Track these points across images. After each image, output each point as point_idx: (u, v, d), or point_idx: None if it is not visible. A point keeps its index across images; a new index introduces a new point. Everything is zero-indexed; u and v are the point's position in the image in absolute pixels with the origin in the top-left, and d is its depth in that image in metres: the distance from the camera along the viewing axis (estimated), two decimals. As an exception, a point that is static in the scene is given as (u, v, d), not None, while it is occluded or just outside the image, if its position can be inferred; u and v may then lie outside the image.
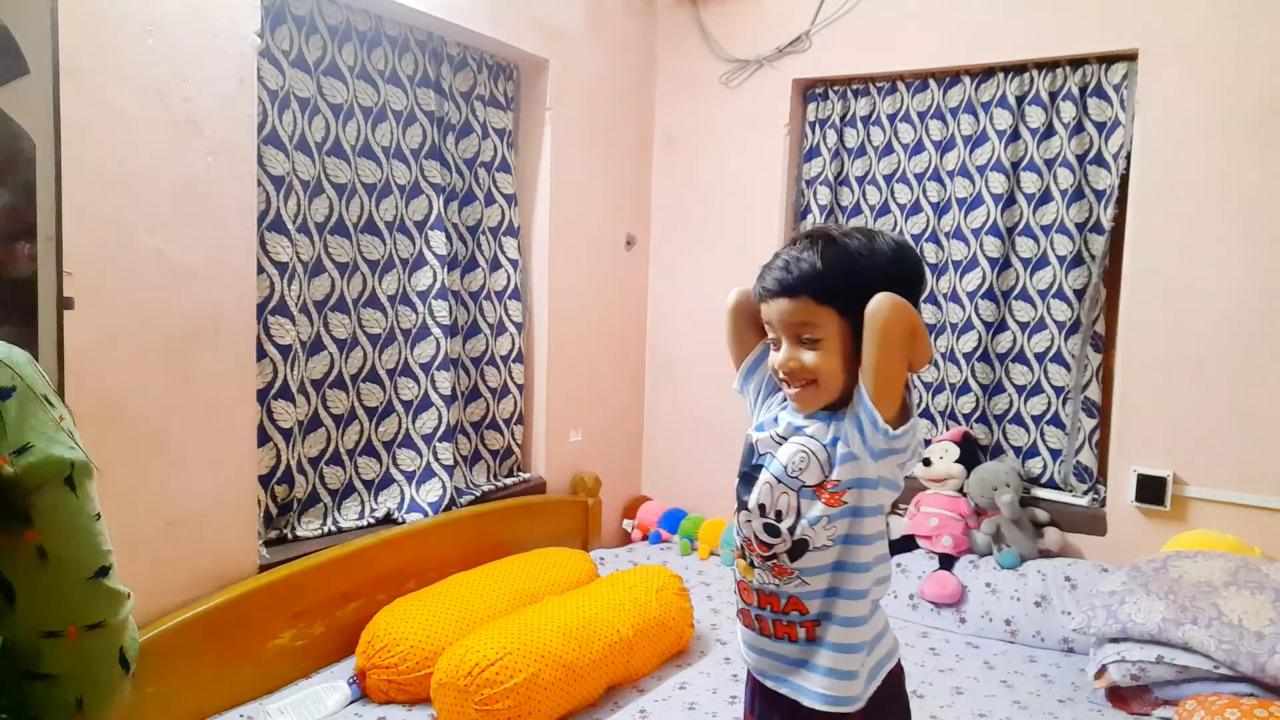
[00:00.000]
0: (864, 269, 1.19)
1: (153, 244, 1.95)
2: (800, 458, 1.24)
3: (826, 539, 1.23)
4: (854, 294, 1.18)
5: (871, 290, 1.16)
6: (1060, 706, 2.28)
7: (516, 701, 2.01)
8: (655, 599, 2.46)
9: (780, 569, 1.26)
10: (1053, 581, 2.70)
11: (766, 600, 1.29)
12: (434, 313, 2.77)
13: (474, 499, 2.90)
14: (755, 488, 1.29)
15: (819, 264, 1.19)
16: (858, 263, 1.19)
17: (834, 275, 1.19)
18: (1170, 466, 2.76)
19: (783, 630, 1.28)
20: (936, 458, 3.03)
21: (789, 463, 1.25)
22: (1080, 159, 2.95)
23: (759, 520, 1.28)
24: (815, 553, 1.24)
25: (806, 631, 1.26)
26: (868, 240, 1.22)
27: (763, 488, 1.28)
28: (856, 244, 1.21)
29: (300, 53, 2.39)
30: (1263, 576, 2.26)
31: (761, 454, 1.30)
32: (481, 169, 2.99)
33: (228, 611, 2.07)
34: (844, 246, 1.21)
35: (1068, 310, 2.99)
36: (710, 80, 3.49)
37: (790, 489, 1.25)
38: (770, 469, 1.27)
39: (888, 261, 1.20)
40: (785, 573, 1.26)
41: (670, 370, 3.67)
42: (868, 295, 1.16)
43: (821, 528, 1.23)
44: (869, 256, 1.20)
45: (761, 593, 1.29)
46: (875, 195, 3.33)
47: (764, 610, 1.29)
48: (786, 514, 1.25)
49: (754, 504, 1.29)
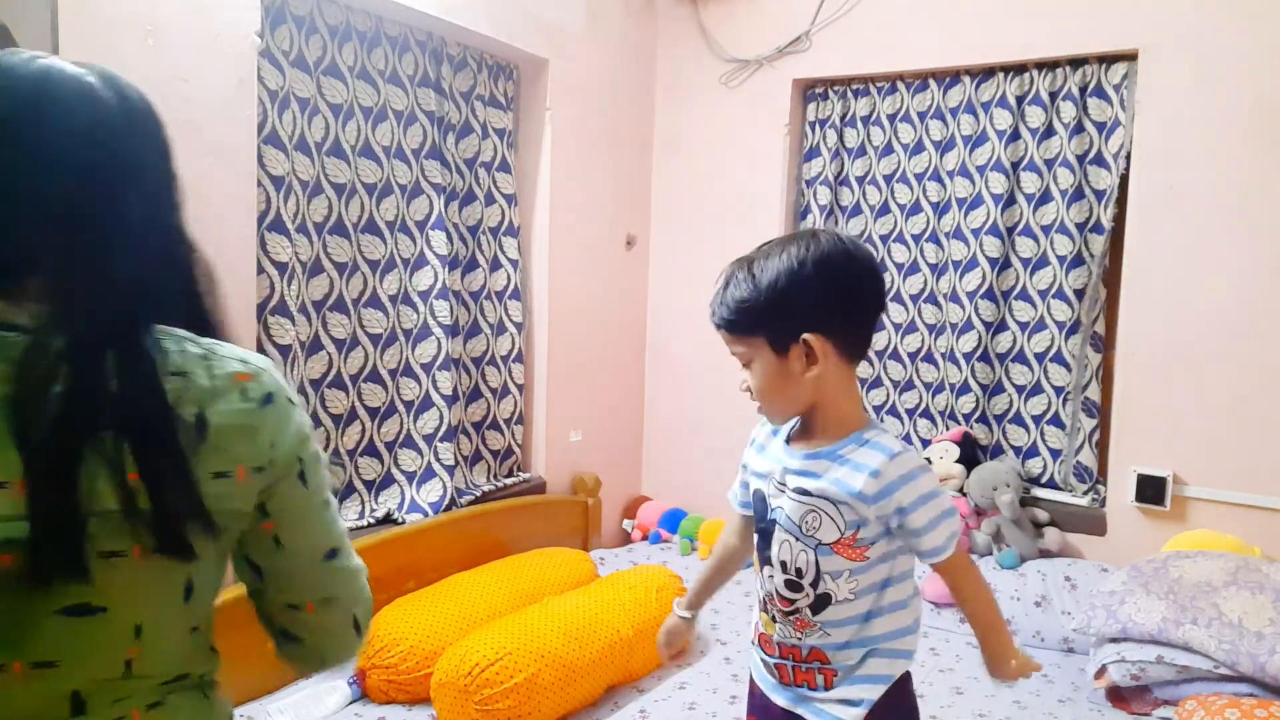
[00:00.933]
0: (756, 291, 1.22)
1: (153, 244, 1.95)
2: (813, 517, 1.23)
3: (849, 592, 1.23)
4: (751, 316, 1.23)
5: (768, 306, 1.20)
6: (1060, 706, 2.28)
7: (516, 701, 2.01)
8: (655, 599, 2.46)
9: (802, 623, 1.26)
10: (1053, 581, 2.70)
11: (788, 651, 1.29)
12: (435, 313, 2.77)
13: (474, 499, 2.90)
14: (774, 544, 1.28)
15: (719, 299, 1.27)
16: (751, 287, 1.22)
17: (731, 306, 1.24)
18: (1170, 466, 2.76)
19: (802, 678, 1.28)
20: (936, 458, 3.04)
21: (802, 522, 1.24)
22: (1080, 159, 2.95)
23: (780, 576, 1.27)
24: (838, 606, 1.23)
25: (825, 680, 1.26)
26: (765, 262, 1.22)
27: (781, 545, 1.27)
28: (759, 265, 1.22)
29: (300, 53, 2.39)
30: (1263, 576, 2.26)
31: (773, 508, 1.29)
32: (481, 169, 2.99)
33: (228, 611, 2.03)
34: (739, 279, 1.24)
35: (1068, 310, 2.99)
36: (710, 80, 3.49)
37: (807, 547, 1.24)
38: (783, 525, 1.27)
39: (788, 276, 1.20)
40: (807, 626, 1.26)
41: (670, 370, 3.67)
42: (765, 312, 1.21)
43: (844, 581, 1.22)
44: (761, 277, 1.21)
45: (783, 645, 1.28)
46: (875, 195, 3.33)
47: (785, 660, 1.29)
48: (806, 570, 1.24)
49: (775, 560, 1.28)
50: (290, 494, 0.86)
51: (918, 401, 3.31)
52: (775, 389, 1.24)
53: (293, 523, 0.87)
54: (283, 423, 0.84)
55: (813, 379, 1.21)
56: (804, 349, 1.20)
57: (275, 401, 0.84)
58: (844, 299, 1.23)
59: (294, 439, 0.85)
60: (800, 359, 1.21)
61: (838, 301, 1.22)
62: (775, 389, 1.24)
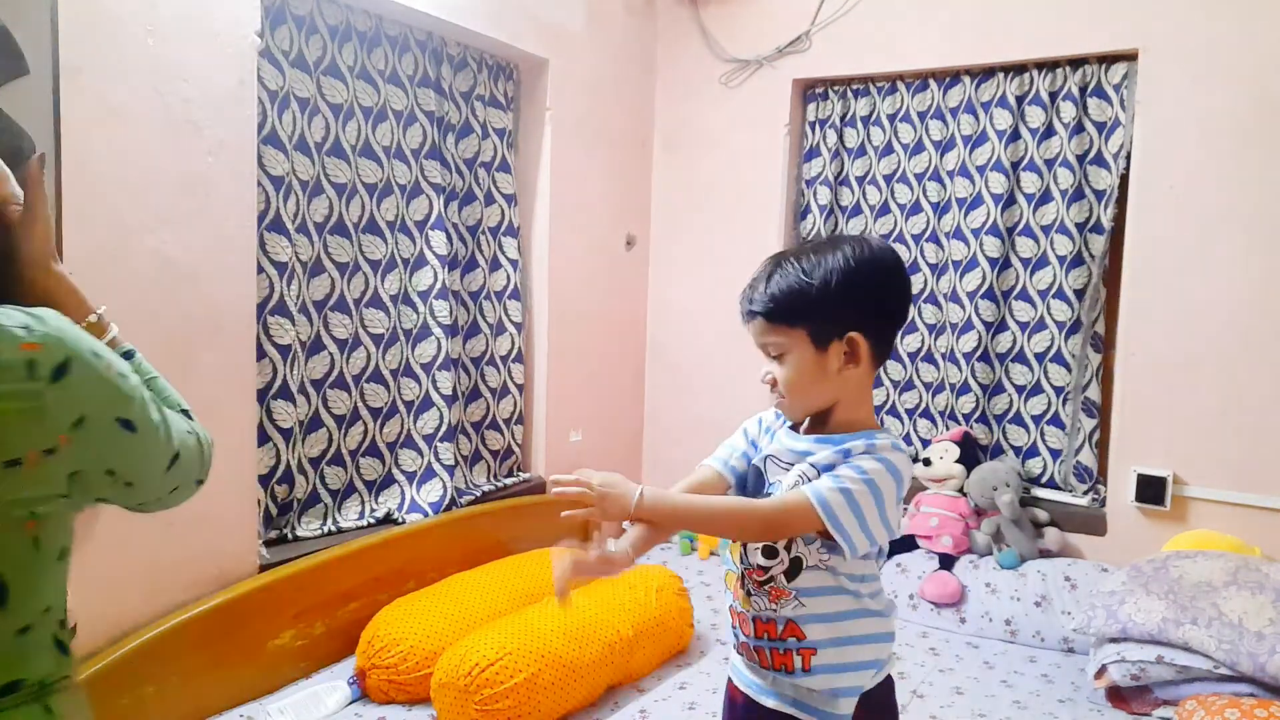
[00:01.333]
0: (807, 283, 1.22)
1: (152, 244, 1.95)
2: (796, 480, 1.25)
3: (819, 559, 1.24)
4: (799, 307, 1.23)
5: (817, 299, 1.21)
6: (1060, 706, 2.28)
7: (516, 701, 2.01)
8: (655, 599, 2.46)
9: (777, 591, 1.27)
10: (1053, 581, 2.70)
11: (764, 628, 1.29)
12: (435, 313, 2.77)
13: (474, 499, 2.90)
14: None
15: (762, 287, 1.26)
16: (800, 278, 1.23)
17: (776, 295, 1.24)
18: (1170, 466, 2.76)
19: (780, 660, 1.28)
20: (936, 458, 3.03)
21: (789, 486, 1.26)
22: (1080, 159, 2.95)
23: (760, 543, 1.29)
24: (810, 572, 1.25)
25: (803, 661, 1.26)
26: (818, 252, 1.24)
27: None
28: (806, 259, 1.24)
29: (300, 53, 2.39)
30: (1263, 576, 2.26)
31: (771, 482, 1.32)
32: (481, 169, 2.99)
33: (228, 611, 2.07)
34: (790, 265, 1.24)
35: (1068, 310, 2.99)
36: (710, 80, 3.49)
37: None
38: (774, 493, 1.29)
39: (836, 271, 1.22)
40: (782, 595, 1.27)
41: (670, 370, 3.67)
42: (814, 304, 1.21)
43: (816, 547, 1.24)
44: (812, 269, 1.23)
45: (758, 620, 1.29)
46: (875, 195, 3.33)
47: (760, 640, 1.29)
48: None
49: None
50: (115, 447, 0.82)
51: (918, 401, 3.31)
52: (807, 384, 1.25)
53: (131, 466, 0.86)
54: (88, 390, 0.78)
55: (844, 377, 1.24)
56: (845, 346, 1.23)
57: (70, 371, 0.76)
58: (887, 303, 1.27)
59: (104, 403, 0.79)
60: (839, 356, 1.23)
61: (882, 305, 1.26)
62: (807, 384, 1.25)
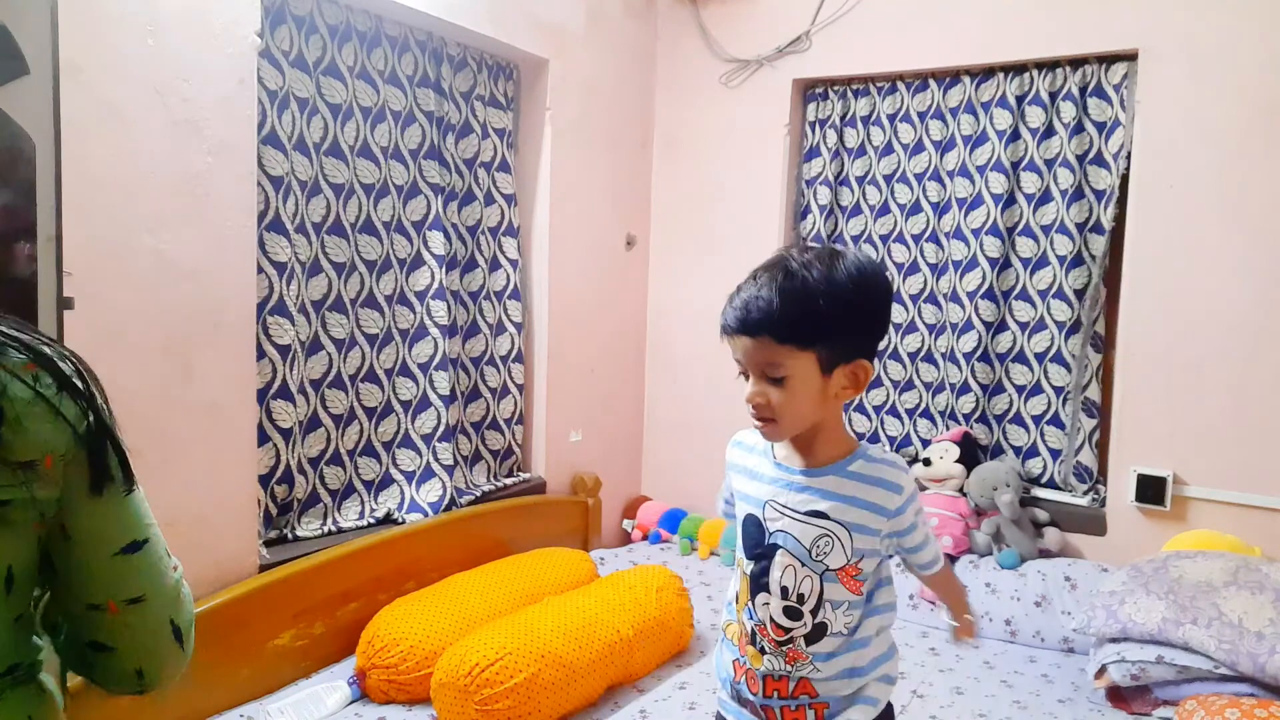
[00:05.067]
0: (823, 304, 1.14)
1: (152, 244, 1.95)
2: (825, 542, 1.19)
3: (844, 626, 1.21)
4: (814, 330, 1.14)
5: (832, 322, 1.14)
6: (1060, 706, 2.28)
7: (516, 701, 2.01)
8: (655, 599, 2.46)
9: (795, 654, 1.22)
10: (1053, 581, 2.70)
11: (774, 686, 1.24)
12: (431, 313, 2.77)
13: (474, 499, 2.89)
14: (775, 569, 1.23)
15: (775, 302, 1.13)
16: (815, 298, 1.13)
17: (791, 314, 1.13)
18: (1170, 466, 2.76)
19: (790, 717, 1.24)
20: (936, 458, 3.03)
21: (812, 547, 1.20)
22: (1080, 159, 2.95)
23: (779, 603, 1.22)
24: (832, 638, 1.21)
25: (816, 715, 1.23)
26: (826, 270, 1.15)
27: (785, 569, 1.22)
28: (816, 276, 1.14)
29: (300, 53, 2.39)
30: (1263, 576, 2.26)
31: (772, 532, 1.23)
32: (481, 169, 2.99)
33: (228, 611, 2.07)
34: (801, 281, 1.14)
35: (1068, 310, 2.99)
36: (710, 80, 3.49)
37: (814, 572, 1.21)
38: (789, 549, 1.22)
39: (848, 292, 1.14)
40: (799, 658, 1.22)
41: (670, 370, 3.67)
42: (829, 327, 1.14)
43: (842, 613, 1.21)
44: (827, 290, 1.14)
45: (769, 679, 1.24)
46: (875, 195, 3.33)
47: (770, 699, 1.24)
48: (809, 597, 1.21)
49: (776, 585, 1.22)
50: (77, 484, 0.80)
51: (918, 401, 3.31)
52: (806, 410, 1.17)
53: (78, 513, 0.81)
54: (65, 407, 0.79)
55: (837, 401, 1.19)
56: (853, 370, 1.17)
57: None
58: (874, 303, 1.21)
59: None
60: (842, 381, 1.17)
61: (882, 329, 1.24)
62: (806, 410, 1.17)
